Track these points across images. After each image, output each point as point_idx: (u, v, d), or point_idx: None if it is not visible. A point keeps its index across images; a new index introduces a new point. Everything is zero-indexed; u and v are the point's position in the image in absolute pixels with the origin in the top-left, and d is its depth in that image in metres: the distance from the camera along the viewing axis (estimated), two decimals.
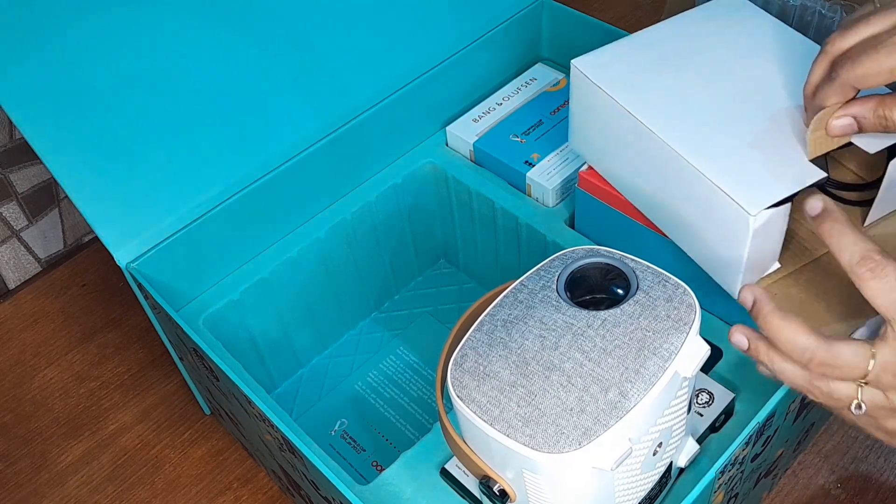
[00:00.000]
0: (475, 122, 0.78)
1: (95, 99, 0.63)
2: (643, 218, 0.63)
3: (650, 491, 0.50)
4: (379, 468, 0.73)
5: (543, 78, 0.82)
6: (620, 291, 0.47)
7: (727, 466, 0.50)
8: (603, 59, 0.62)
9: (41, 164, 0.80)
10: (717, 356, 0.61)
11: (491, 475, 0.48)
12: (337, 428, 0.76)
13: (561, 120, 0.77)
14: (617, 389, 0.43)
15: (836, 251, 0.45)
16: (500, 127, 0.77)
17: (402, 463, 0.58)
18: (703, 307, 0.48)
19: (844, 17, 0.51)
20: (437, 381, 0.50)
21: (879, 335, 0.44)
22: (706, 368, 0.60)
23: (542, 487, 0.45)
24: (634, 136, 0.58)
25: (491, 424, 0.44)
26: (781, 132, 0.55)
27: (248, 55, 0.69)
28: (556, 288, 0.48)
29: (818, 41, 0.63)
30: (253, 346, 0.74)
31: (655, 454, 0.48)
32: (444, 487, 0.56)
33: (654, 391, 0.43)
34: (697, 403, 0.57)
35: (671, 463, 0.51)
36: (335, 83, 0.72)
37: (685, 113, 0.57)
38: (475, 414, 0.44)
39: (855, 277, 0.44)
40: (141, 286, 0.64)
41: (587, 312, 0.46)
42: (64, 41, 0.62)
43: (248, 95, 0.69)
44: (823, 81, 0.50)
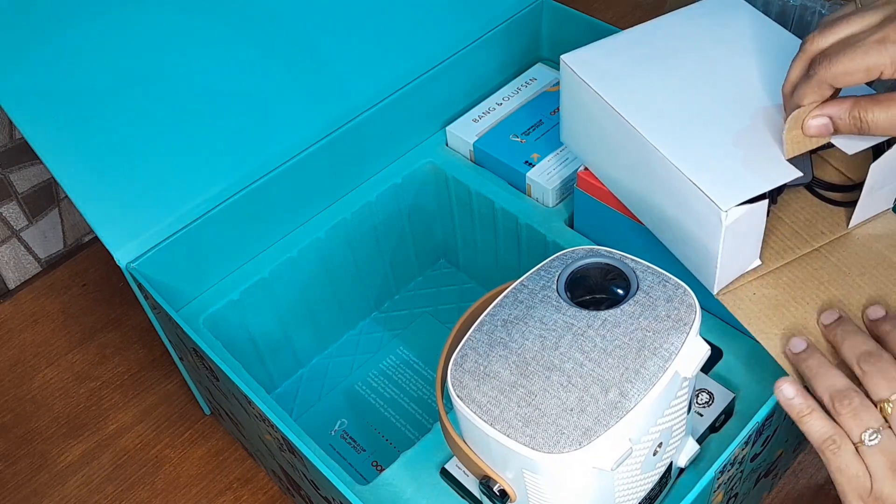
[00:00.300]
0: (475, 122, 0.78)
1: (95, 99, 0.63)
2: None
3: (650, 491, 0.50)
4: (379, 468, 0.73)
5: (543, 78, 0.82)
6: (620, 291, 0.47)
7: (726, 466, 0.50)
8: (592, 55, 0.62)
9: (41, 164, 0.80)
10: (717, 356, 0.61)
11: (491, 475, 0.48)
12: (337, 428, 0.76)
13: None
14: (617, 389, 0.43)
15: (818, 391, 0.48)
16: (499, 127, 0.77)
17: (402, 463, 0.58)
18: (703, 307, 0.48)
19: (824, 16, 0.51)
20: (437, 381, 0.50)
21: None
22: (706, 368, 0.60)
23: (542, 487, 0.45)
24: (618, 131, 0.59)
25: (491, 424, 0.44)
26: (763, 131, 0.55)
27: (248, 55, 0.69)
28: (556, 288, 0.48)
29: None
30: (253, 346, 0.74)
31: (655, 454, 0.48)
32: (444, 487, 0.56)
33: (654, 391, 0.43)
34: (697, 403, 0.57)
35: (671, 463, 0.51)
36: (335, 83, 0.72)
37: (668, 110, 0.57)
38: (475, 414, 0.44)
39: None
40: (141, 286, 0.64)
41: (587, 312, 0.46)
42: (64, 41, 0.62)
43: (248, 95, 0.69)
44: (801, 80, 0.50)
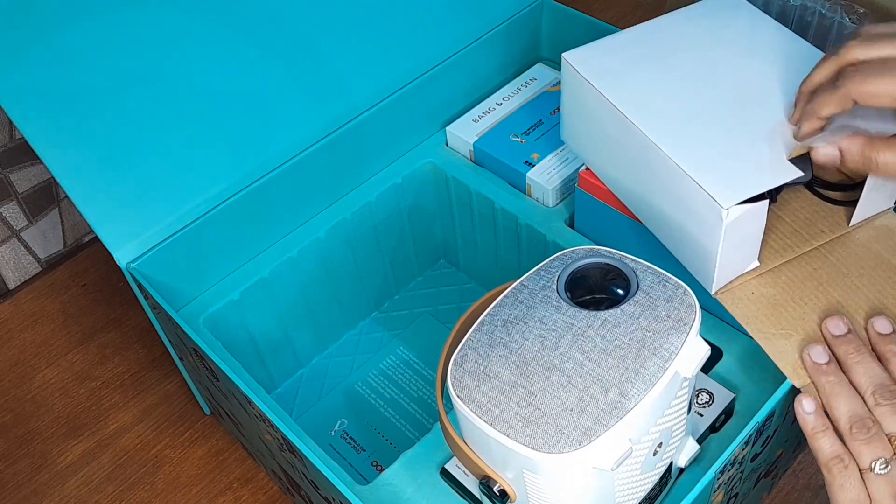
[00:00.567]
0: (475, 122, 0.78)
1: (95, 99, 0.63)
2: None
3: (650, 491, 0.50)
4: (379, 468, 0.73)
5: (543, 78, 0.82)
6: (620, 291, 0.47)
7: (727, 466, 0.50)
8: (593, 52, 0.62)
9: (41, 164, 0.80)
10: (717, 356, 0.61)
11: (491, 475, 0.48)
12: (337, 428, 0.76)
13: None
14: (617, 390, 0.43)
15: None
16: (500, 127, 0.77)
17: (402, 463, 0.58)
18: (703, 307, 0.48)
19: (868, 25, 0.50)
20: (437, 381, 0.50)
21: None
22: (706, 368, 0.60)
23: (542, 487, 0.45)
24: (619, 129, 0.59)
25: (491, 424, 0.44)
26: (764, 130, 0.55)
27: (248, 55, 0.69)
28: (556, 288, 0.48)
29: (818, 42, 0.63)
30: (253, 346, 0.74)
31: (655, 454, 0.48)
32: (444, 487, 0.56)
33: (654, 391, 0.43)
34: (697, 403, 0.57)
35: (671, 463, 0.51)
36: (335, 83, 0.72)
37: (669, 108, 0.57)
38: (475, 414, 0.44)
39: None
40: (141, 286, 0.64)
41: (587, 312, 0.46)
42: (64, 41, 0.62)
43: (248, 95, 0.69)
44: (825, 86, 0.49)
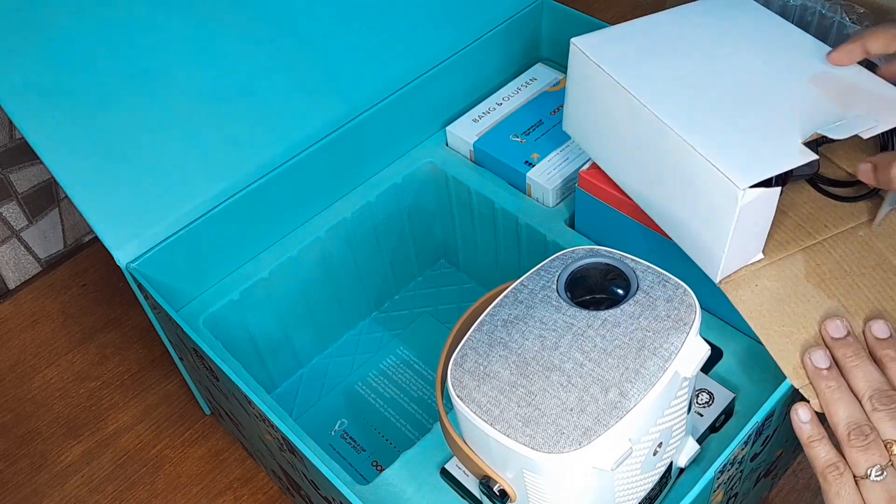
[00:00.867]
0: (475, 122, 0.78)
1: (95, 99, 0.63)
2: (643, 218, 0.63)
3: (650, 491, 0.50)
4: (379, 468, 0.73)
5: (543, 78, 0.82)
6: (620, 291, 0.47)
7: (726, 466, 0.50)
8: (602, 39, 0.63)
9: (41, 164, 0.80)
10: (717, 356, 0.61)
11: (491, 475, 0.48)
12: (337, 428, 0.76)
13: (561, 120, 0.77)
14: (617, 389, 0.43)
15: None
16: (500, 127, 0.77)
17: (402, 463, 0.58)
18: (703, 307, 0.48)
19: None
20: (437, 381, 0.50)
21: None
22: (706, 368, 0.60)
23: (542, 487, 0.45)
24: (628, 113, 0.58)
25: (491, 424, 0.44)
26: (776, 116, 0.55)
27: (248, 55, 0.69)
28: (556, 288, 0.48)
29: (819, 40, 0.63)
30: (253, 346, 0.74)
31: (655, 454, 0.48)
32: (444, 487, 0.56)
33: (654, 391, 0.43)
34: (697, 403, 0.57)
35: (671, 463, 0.51)
36: (335, 83, 0.72)
37: (681, 93, 0.58)
38: (475, 414, 0.44)
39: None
40: (141, 286, 0.64)
41: (587, 312, 0.46)
42: (64, 40, 0.62)
43: (247, 95, 0.69)
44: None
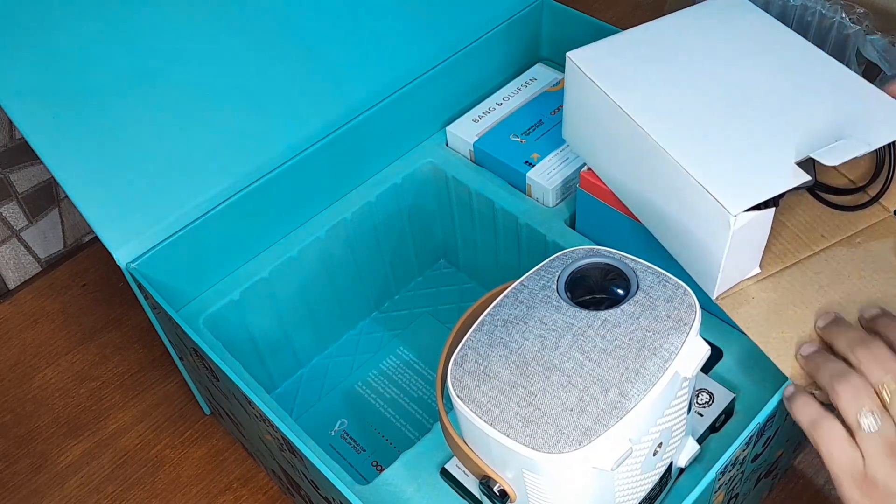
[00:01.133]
0: (475, 122, 0.78)
1: (95, 99, 0.63)
2: None
3: (650, 491, 0.50)
4: (379, 468, 0.73)
5: (543, 78, 0.82)
6: (620, 291, 0.47)
7: (728, 467, 0.50)
8: (598, 52, 0.62)
9: (41, 164, 0.80)
10: (717, 356, 0.61)
11: (491, 475, 0.48)
12: (337, 428, 0.76)
13: (561, 120, 0.77)
14: (617, 389, 0.43)
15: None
16: (500, 127, 0.77)
17: (402, 463, 0.58)
18: (703, 307, 0.48)
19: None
20: (437, 381, 0.50)
21: None
22: (706, 368, 0.60)
23: (542, 487, 0.45)
24: (623, 131, 0.58)
25: (491, 424, 0.44)
26: (770, 132, 0.55)
27: (248, 55, 0.69)
28: (556, 288, 0.48)
29: (818, 42, 0.63)
30: (253, 346, 0.74)
31: (655, 454, 0.48)
32: (444, 487, 0.56)
33: (654, 391, 0.43)
34: (697, 403, 0.57)
35: (671, 463, 0.51)
36: (335, 83, 0.72)
37: (676, 110, 0.57)
38: (475, 414, 0.44)
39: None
40: (141, 286, 0.64)
41: (587, 312, 0.46)
42: (64, 41, 0.62)
43: (248, 95, 0.69)
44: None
